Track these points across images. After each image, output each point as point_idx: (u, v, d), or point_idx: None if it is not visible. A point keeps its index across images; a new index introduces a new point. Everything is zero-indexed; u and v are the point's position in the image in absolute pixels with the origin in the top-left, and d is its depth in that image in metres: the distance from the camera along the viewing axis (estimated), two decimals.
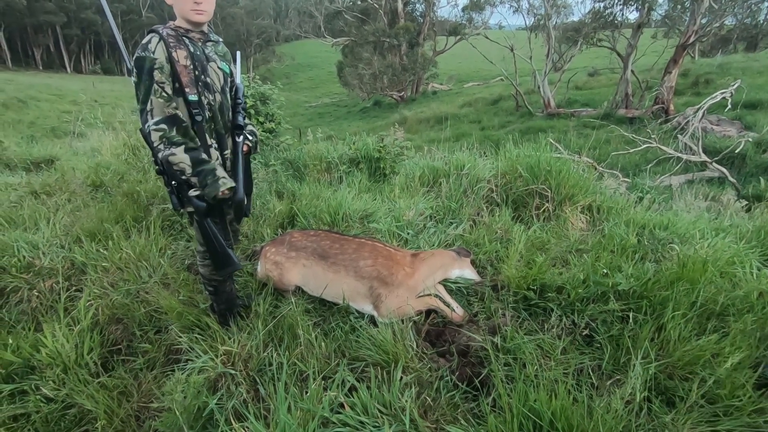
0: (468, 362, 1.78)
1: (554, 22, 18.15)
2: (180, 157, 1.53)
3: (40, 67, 50.77)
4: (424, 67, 26.72)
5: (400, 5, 27.15)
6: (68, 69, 53.80)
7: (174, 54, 1.55)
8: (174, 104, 1.55)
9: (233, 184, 1.66)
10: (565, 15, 19.99)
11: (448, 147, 5.08)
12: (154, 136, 1.52)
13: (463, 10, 25.98)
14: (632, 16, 16.26)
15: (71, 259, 2.62)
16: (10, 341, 1.98)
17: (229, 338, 1.85)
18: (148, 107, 1.51)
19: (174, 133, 1.52)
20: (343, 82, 29.33)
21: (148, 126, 1.51)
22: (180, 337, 1.92)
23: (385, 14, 27.20)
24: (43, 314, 2.29)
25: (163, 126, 1.51)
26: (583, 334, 1.90)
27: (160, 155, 1.54)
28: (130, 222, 2.97)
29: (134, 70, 1.52)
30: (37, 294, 2.42)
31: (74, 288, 2.48)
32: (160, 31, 1.56)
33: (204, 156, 1.59)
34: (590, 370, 1.71)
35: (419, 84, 27.61)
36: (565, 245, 2.67)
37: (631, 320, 1.90)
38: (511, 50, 18.02)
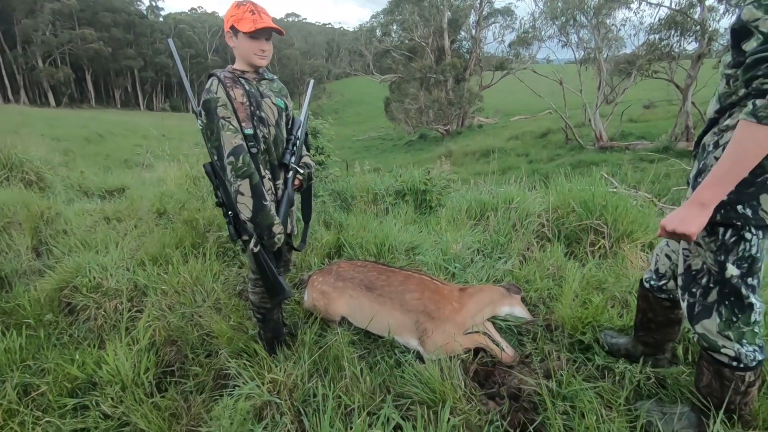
0: (520, 407, 1.67)
1: (605, 55, 17.77)
2: (245, 198, 1.64)
3: (119, 106, 56.69)
4: (470, 102, 26.96)
5: (446, 43, 27.86)
6: (141, 107, 59.69)
7: (231, 93, 1.68)
8: (240, 136, 1.66)
9: (284, 233, 1.80)
10: (617, 47, 19.40)
11: (495, 180, 5.01)
12: (228, 170, 1.63)
13: (510, 45, 26.02)
14: (690, 47, 15.58)
15: (135, 281, 2.79)
16: (77, 357, 2.12)
17: (276, 366, 1.86)
18: (221, 142, 1.63)
19: (240, 163, 1.62)
20: (390, 116, 30.16)
21: (224, 161, 1.62)
22: (229, 362, 1.96)
23: (432, 52, 27.96)
24: (107, 332, 2.43)
25: (232, 158, 1.62)
26: (650, 382, 1.74)
27: (231, 188, 1.65)
28: (188, 248, 3.14)
29: (202, 112, 1.65)
30: (102, 313, 2.58)
31: (135, 309, 2.62)
32: (218, 75, 1.72)
33: (264, 202, 1.68)
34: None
35: (465, 118, 27.78)
36: (625, 285, 2.50)
37: None
38: (560, 84, 17.77)
